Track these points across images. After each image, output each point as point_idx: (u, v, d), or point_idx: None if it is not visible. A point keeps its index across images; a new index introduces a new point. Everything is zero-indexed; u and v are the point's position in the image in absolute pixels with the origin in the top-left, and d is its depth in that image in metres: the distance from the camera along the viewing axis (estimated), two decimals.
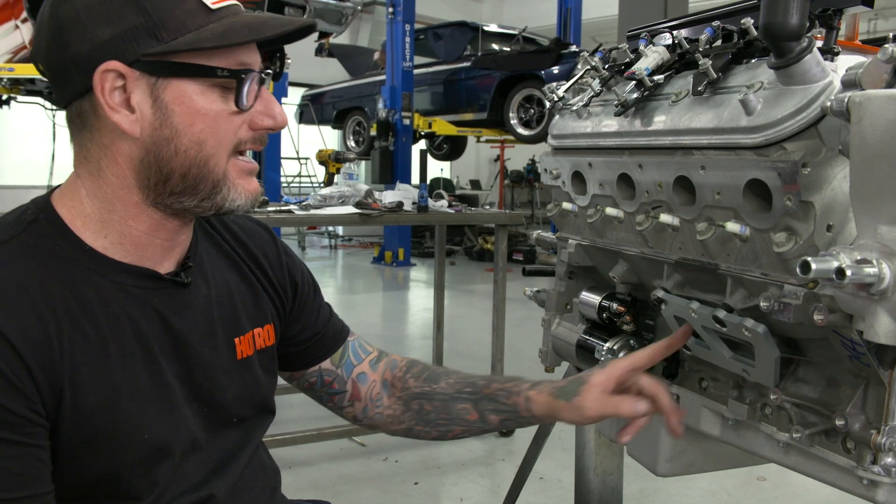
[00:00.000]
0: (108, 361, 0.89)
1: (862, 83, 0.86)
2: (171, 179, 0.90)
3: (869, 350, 0.88)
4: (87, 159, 0.92)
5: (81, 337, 0.87)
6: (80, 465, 0.89)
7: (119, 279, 0.92)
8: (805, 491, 3.00)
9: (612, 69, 1.32)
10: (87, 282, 0.90)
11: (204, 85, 0.88)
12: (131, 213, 0.92)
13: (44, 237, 0.89)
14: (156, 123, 0.88)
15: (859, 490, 0.96)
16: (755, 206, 1.00)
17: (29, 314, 0.84)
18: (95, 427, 0.88)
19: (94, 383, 0.88)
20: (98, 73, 0.85)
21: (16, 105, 7.87)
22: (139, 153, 0.89)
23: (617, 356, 1.31)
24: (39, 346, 0.84)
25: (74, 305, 0.88)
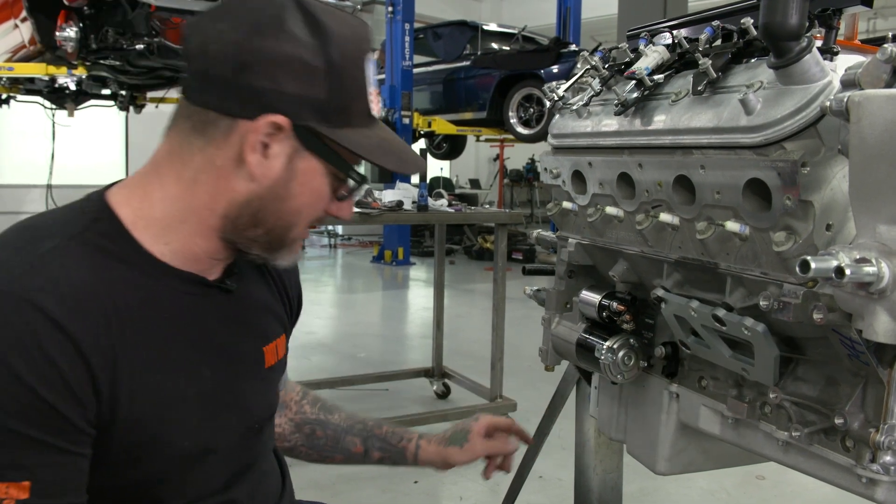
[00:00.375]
0: (161, 370, 0.91)
1: (861, 83, 0.86)
2: (257, 228, 0.94)
3: (868, 349, 0.89)
4: (184, 163, 0.92)
5: (140, 345, 0.89)
6: (122, 470, 0.90)
7: (172, 284, 0.94)
8: (804, 490, 3.01)
9: (612, 69, 1.32)
10: (144, 287, 0.91)
11: (329, 172, 0.93)
12: (201, 233, 0.94)
13: (105, 237, 0.90)
14: (279, 181, 0.91)
15: (858, 488, 0.97)
16: (755, 206, 1.01)
17: (100, 321, 0.85)
18: (143, 434, 0.89)
19: (148, 392, 0.89)
20: (267, 118, 0.87)
21: (15, 104, 7.88)
22: (247, 194, 0.91)
23: (617, 355, 1.31)
24: (106, 356, 0.85)
25: (135, 311, 0.89)
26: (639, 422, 1.39)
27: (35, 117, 8.99)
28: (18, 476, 0.80)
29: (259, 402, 1.07)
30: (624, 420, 1.44)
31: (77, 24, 5.60)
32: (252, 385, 1.05)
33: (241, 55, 0.87)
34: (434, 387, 4.27)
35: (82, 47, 5.68)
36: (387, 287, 8.87)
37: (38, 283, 0.82)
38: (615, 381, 1.34)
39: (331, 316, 6.86)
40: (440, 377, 4.25)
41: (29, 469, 0.80)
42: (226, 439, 1.00)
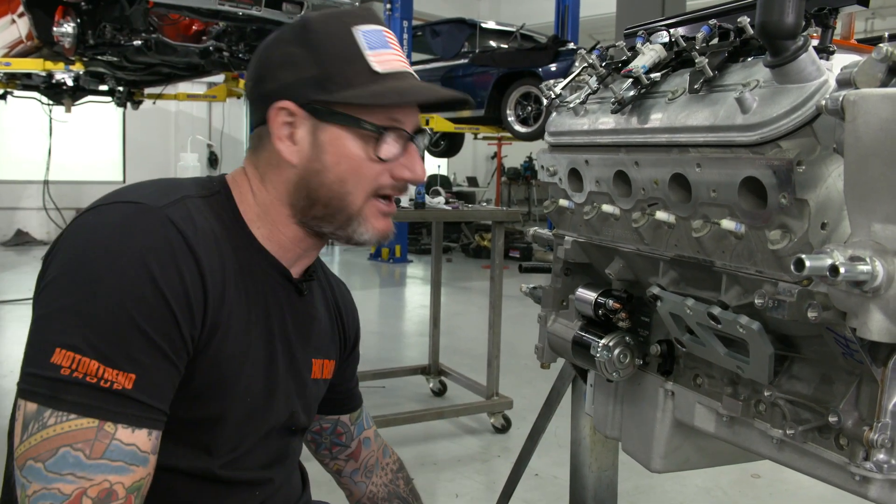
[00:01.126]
0: (249, 326, 1.04)
1: (856, 82, 0.86)
2: (316, 206, 1.05)
3: (862, 347, 0.89)
4: (257, 167, 1.09)
5: (239, 297, 1.02)
6: (195, 403, 0.99)
7: (264, 265, 1.08)
8: (799, 488, 3.02)
9: (609, 67, 1.32)
10: (248, 258, 1.05)
11: (355, 133, 1.04)
12: (281, 222, 1.08)
13: (224, 208, 1.06)
14: (311, 157, 1.04)
15: (852, 486, 0.97)
16: (750, 204, 1.01)
17: (216, 260, 0.99)
18: (221, 374, 1.00)
19: (237, 338, 1.02)
20: (273, 108, 1.03)
21: (12, 100, 7.87)
22: (294, 178, 1.05)
23: (612, 353, 1.32)
24: (218, 288, 0.98)
25: (238, 269, 1.03)
26: (634, 419, 1.40)
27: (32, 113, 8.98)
28: (129, 367, 0.89)
29: (300, 404, 1.16)
30: (619, 418, 1.45)
31: (74, 19, 5.59)
32: (298, 385, 1.15)
33: (255, 73, 1.08)
34: (430, 384, 4.27)
35: (80, 43, 5.67)
36: (384, 284, 8.87)
37: (180, 214, 0.97)
38: (611, 378, 1.34)
39: None
40: (437, 375, 4.25)
41: (139, 364, 0.89)
42: (276, 417, 1.11)
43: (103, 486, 0.86)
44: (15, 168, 10.84)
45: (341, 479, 1.43)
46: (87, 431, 0.86)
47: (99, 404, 0.87)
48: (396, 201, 1.15)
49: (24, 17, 5.96)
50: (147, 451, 0.90)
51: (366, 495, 1.42)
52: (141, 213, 0.95)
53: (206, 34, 6.31)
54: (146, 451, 0.90)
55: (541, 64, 8.36)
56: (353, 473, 1.42)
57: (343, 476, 1.42)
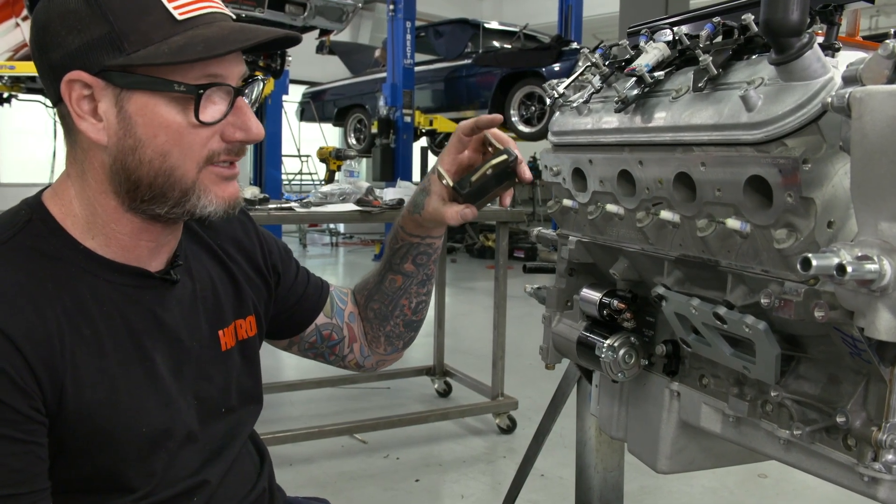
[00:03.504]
0: (106, 359, 0.92)
1: (863, 79, 0.85)
2: (140, 188, 0.91)
3: (870, 347, 0.88)
4: (74, 161, 0.94)
5: (79, 336, 0.89)
6: (80, 461, 0.91)
7: (111, 278, 0.94)
8: (806, 488, 3.00)
9: (613, 66, 1.32)
10: (81, 281, 0.92)
11: (167, 97, 0.88)
12: (112, 217, 0.93)
13: (39, 237, 0.91)
14: (120, 133, 0.88)
15: (860, 487, 0.96)
16: (756, 203, 1.00)
17: (31, 314, 0.86)
18: (95, 423, 0.90)
19: (94, 381, 0.90)
20: (64, 81, 0.87)
21: (17, 103, 7.88)
22: (108, 161, 0.90)
23: (617, 353, 1.31)
24: (42, 346, 0.86)
25: (71, 305, 0.90)
26: (639, 420, 1.39)
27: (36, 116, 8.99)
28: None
29: (218, 386, 1.06)
30: (625, 418, 1.44)
31: None
32: (208, 369, 1.05)
33: (35, 43, 0.89)
34: (435, 385, 4.27)
35: None
36: None
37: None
38: (616, 379, 1.33)
39: None
40: (441, 375, 4.25)
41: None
42: (184, 424, 1.00)
43: None
44: (20, 171, 10.88)
45: (363, 369, 1.35)
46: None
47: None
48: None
49: (28, 20, 5.98)
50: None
51: (379, 354, 1.34)
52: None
53: None
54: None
55: (544, 64, 8.36)
56: (362, 352, 1.32)
57: (362, 367, 1.34)
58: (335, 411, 3.88)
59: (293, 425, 3.50)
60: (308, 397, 4.04)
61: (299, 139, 11.05)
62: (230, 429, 1.09)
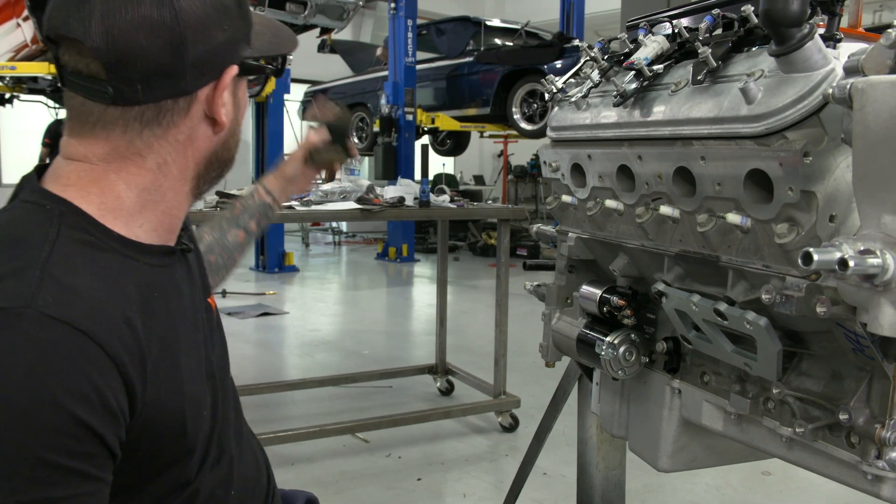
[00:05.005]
0: (172, 350, 0.87)
1: (864, 69, 0.84)
2: (219, 168, 0.96)
3: (873, 342, 0.87)
4: (142, 155, 0.87)
5: (152, 332, 0.84)
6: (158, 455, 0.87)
7: (149, 261, 0.89)
8: (810, 486, 2.99)
9: (612, 59, 1.30)
10: (133, 270, 0.86)
11: (244, 81, 0.96)
12: (177, 202, 0.93)
13: (83, 230, 0.84)
14: (233, 116, 0.94)
15: (864, 485, 0.95)
16: (756, 197, 0.99)
17: (118, 320, 0.79)
18: (172, 417, 0.86)
19: (168, 376, 0.86)
20: (228, 75, 0.89)
21: (18, 103, 7.89)
22: (214, 146, 0.93)
23: (618, 350, 1.30)
24: (136, 356, 0.80)
25: (138, 301, 0.84)
26: (641, 418, 1.38)
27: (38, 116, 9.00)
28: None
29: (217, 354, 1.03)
30: (626, 416, 1.43)
31: None
32: (213, 337, 1.02)
33: (174, 38, 0.83)
34: (438, 383, 4.26)
35: None
36: (391, 284, 8.87)
37: (55, 298, 0.75)
38: (616, 377, 1.32)
39: (335, 313, 6.85)
40: (444, 374, 4.24)
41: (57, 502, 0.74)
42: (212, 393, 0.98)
43: None
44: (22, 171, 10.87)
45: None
46: None
47: None
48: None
49: (29, 21, 5.98)
50: None
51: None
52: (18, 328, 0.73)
53: None
54: None
55: (546, 61, 8.34)
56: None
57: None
58: (337, 410, 3.87)
59: (295, 424, 3.49)
60: (310, 396, 4.04)
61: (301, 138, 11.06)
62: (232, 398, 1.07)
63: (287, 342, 5.58)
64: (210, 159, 0.94)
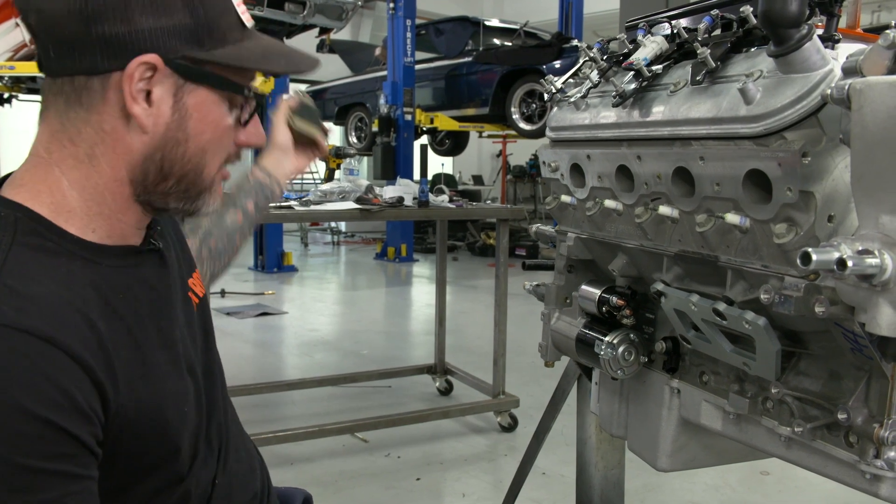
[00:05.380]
0: (141, 350, 0.86)
1: (863, 70, 0.84)
2: (168, 180, 0.88)
3: (871, 342, 0.87)
4: (74, 142, 0.85)
5: (117, 333, 0.83)
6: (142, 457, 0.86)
7: (112, 262, 0.87)
8: (809, 485, 2.99)
9: (611, 60, 1.30)
10: (93, 273, 0.84)
11: (220, 97, 0.88)
12: (122, 208, 0.88)
13: (37, 235, 0.82)
14: (172, 124, 0.85)
15: (862, 485, 0.95)
16: (755, 197, 0.99)
17: (81, 324, 0.78)
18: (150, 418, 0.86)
19: (141, 376, 0.85)
20: (136, 62, 0.81)
21: (17, 103, 7.89)
22: (144, 149, 0.85)
23: (617, 350, 1.30)
24: (100, 358, 0.79)
25: (99, 302, 0.83)
26: (640, 418, 1.38)
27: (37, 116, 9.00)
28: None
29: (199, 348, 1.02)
30: (625, 416, 1.43)
31: None
32: (191, 330, 1.00)
33: (84, 6, 0.79)
34: (437, 383, 4.26)
35: None
36: (390, 284, 8.87)
37: (10, 306, 0.74)
38: (615, 376, 1.32)
39: (334, 313, 6.85)
40: (443, 374, 4.24)
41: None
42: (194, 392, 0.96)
43: None
44: None
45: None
46: None
47: None
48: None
49: None
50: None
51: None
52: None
53: None
54: None
55: (545, 61, 8.35)
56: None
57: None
58: (336, 410, 3.87)
59: (294, 424, 3.49)
60: (309, 396, 4.04)
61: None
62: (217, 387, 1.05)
63: (286, 342, 5.58)
64: (146, 165, 0.86)
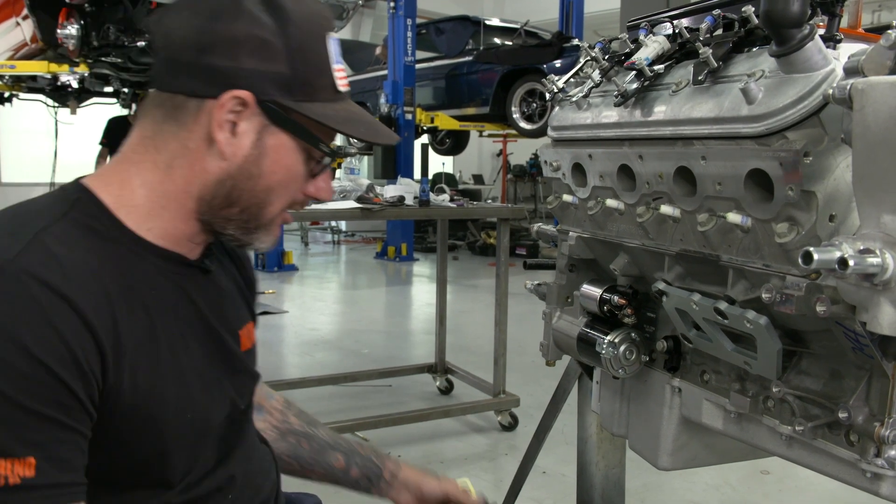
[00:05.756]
0: (157, 344, 0.92)
1: (864, 70, 0.84)
2: (233, 208, 0.95)
3: (872, 341, 0.87)
4: (158, 150, 0.94)
5: (135, 319, 0.89)
6: (124, 451, 0.90)
7: (157, 262, 0.95)
8: (809, 485, 2.99)
9: (612, 59, 1.31)
10: (133, 264, 0.92)
11: (301, 147, 0.96)
12: (182, 218, 0.95)
13: (91, 216, 0.90)
14: (249, 158, 0.93)
15: (863, 483, 0.95)
16: (756, 197, 0.99)
17: (99, 294, 0.85)
18: (147, 409, 0.90)
19: (148, 367, 0.90)
20: (229, 94, 0.90)
21: (18, 102, 7.89)
22: (219, 174, 0.93)
23: (618, 349, 1.30)
24: (109, 329, 0.85)
25: (127, 287, 0.89)
26: (641, 417, 1.38)
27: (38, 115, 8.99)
28: (23, 452, 0.78)
29: (241, 382, 1.08)
30: (626, 415, 1.43)
31: (78, 21, 5.60)
32: (234, 364, 1.06)
33: (201, 38, 0.90)
34: (437, 383, 4.26)
35: (84, 45, 5.68)
36: (390, 283, 8.87)
37: (39, 259, 0.82)
38: (617, 375, 1.33)
39: (334, 312, 6.86)
40: (443, 373, 4.24)
41: (34, 445, 0.79)
42: (218, 415, 1.01)
43: None
44: (21, 170, 10.88)
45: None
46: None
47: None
48: None
49: (28, 19, 5.98)
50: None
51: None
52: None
53: None
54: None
55: (545, 61, 8.35)
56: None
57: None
58: (337, 409, 3.87)
59: None
60: (309, 395, 4.04)
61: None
62: (249, 424, 1.12)
63: (286, 341, 5.59)
64: (217, 188, 0.94)
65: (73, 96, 7.45)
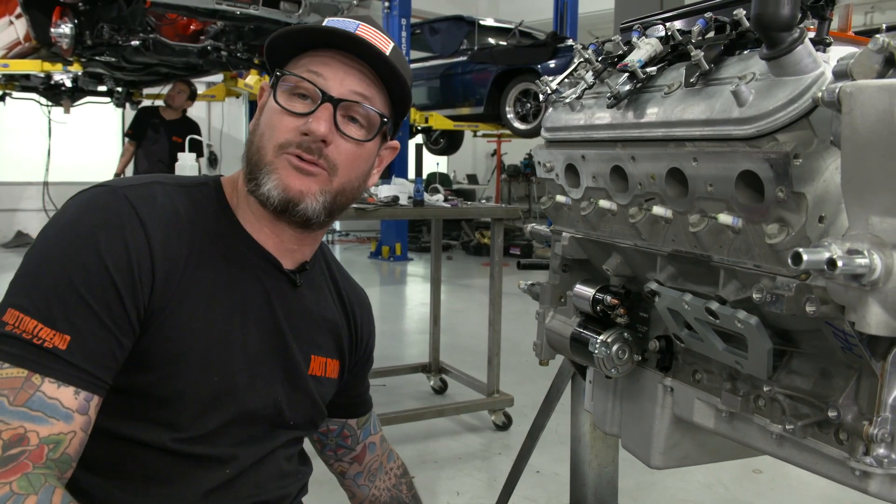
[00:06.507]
0: (214, 303, 1.04)
1: (853, 73, 0.85)
2: (249, 165, 1.08)
3: (861, 341, 0.88)
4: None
5: (202, 275, 1.03)
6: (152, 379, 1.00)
7: (251, 255, 1.09)
8: (801, 484, 3.01)
9: (606, 61, 1.31)
10: (225, 241, 1.07)
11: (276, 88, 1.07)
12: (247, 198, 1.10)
13: (207, 197, 1.10)
14: (257, 120, 1.10)
15: (852, 481, 0.96)
16: (747, 198, 1.00)
17: (173, 235, 1.01)
18: (176, 348, 1.01)
19: (197, 313, 1.02)
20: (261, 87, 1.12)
21: (11, 101, 7.86)
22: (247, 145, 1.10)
23: (611, 349, 1.31)
24: (169, 262, 1.00)
25: (210, 251, 1.05)
26: (633, 416, 1.39)
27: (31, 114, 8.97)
28: (66, 329, 0.92)
29: (297, 399, 1.14)
30: (619, 414, 1.44)
31: (72, 20, 5.59)
32: (294, 376, 1.14)
33: None
34: (431, 382, 4.27)
35: (77, 44, 5.67)
36: (384, 283, 8.87)
37: (140, 194, 1.02)
38: (609, 375, 1.33)
39: None
40: (437, 373, 4.25)
41: (76, 328, 0.93)
42: (253, 404, 1.08)
43: (17, 431, 0.89)
44: (14, 169, 10.83)
45: (345, 481, 1.43)
46: (14, 380, 0.90)
47: (31, 357, 0.91)
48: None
49: (22, 18, 5.96)
50: (71, 408, 0.92)
51: (368, 499, 1.42)
52: (102, 193, 1.01)
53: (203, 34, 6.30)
54: (70, 408, 0.92)
55: (539, 61, 8.36)
56: (357, 476, 1.41)
57: (346, 478, 1.42)
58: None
59: None
60: None
61: None
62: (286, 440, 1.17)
63: None
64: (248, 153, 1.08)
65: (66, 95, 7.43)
